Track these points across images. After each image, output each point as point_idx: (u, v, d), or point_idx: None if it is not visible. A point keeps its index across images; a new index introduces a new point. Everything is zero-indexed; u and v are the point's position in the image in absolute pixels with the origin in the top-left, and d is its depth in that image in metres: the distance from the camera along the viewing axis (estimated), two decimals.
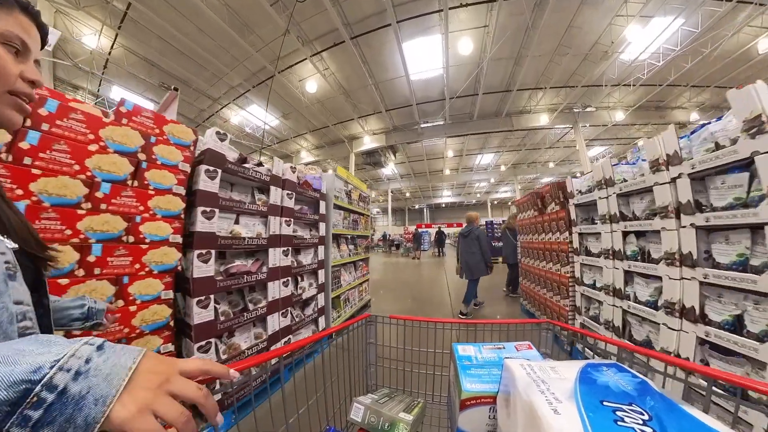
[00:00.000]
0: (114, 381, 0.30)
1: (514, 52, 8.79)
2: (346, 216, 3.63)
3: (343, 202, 3.51)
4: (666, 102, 14.00)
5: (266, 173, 2.43)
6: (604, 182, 2.47)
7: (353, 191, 3.97)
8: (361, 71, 9.18)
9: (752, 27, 8.53)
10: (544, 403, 0.41)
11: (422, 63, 8.82)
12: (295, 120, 12.71)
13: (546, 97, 11.87)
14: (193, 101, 11.59)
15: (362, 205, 4.27)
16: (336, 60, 9.17)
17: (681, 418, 0.36)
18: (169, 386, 0.33)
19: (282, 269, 2.52)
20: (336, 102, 11.00)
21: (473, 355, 0.76)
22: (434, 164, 19.64)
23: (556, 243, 3.29)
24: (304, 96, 10.49)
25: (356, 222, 3.95)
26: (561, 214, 3.18)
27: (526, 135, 15.39)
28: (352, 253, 3.75)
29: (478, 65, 8.77)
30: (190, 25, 7.75)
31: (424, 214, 42.55)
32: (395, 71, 9.29)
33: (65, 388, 0.27)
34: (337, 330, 0.98)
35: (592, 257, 2.64)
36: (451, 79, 9.64)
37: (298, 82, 10.12)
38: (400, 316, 1.09)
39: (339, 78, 9.91)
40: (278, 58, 7.85)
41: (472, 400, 0.63)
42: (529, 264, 4.27)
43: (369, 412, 0.78)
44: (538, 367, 0.52)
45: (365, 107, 11.47)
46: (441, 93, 10.71)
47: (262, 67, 9.69)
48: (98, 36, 7.94)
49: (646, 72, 10.43)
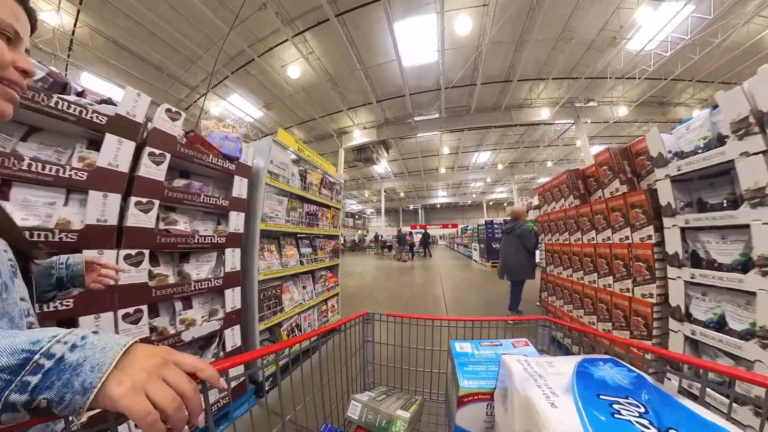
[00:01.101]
0: (109, 353, 0.31)
1: (515, 35, 8.05)
2: (295, 206, 2.44)
3: (287, 184, 2.34)
4: (669, 98, 13.62)
5: (102, 111, 1.30)
6: (754, 119, 1.19)
7: (311, 172, 2.83)
8: (349, 55, 8.36)
9: (763, 17, 8.07)
10: (542, 397, 0.41)
11: (415, 46, 8.03)
12: (279, 111, 11.83)
13: (547, 89, 11.20)
14: (168, 89, 10.65)
15: (327, 193, 3.07)
16: (321, 42, 8.34)
17: (676, 410, 0.37)
18: (164, 371, 0.33)
19: (125, 291, 1.34)
20: (322, 91, 10.16)
21: (470, 352, 0.76)
22: (429, 162, 18.89)
23: (621, 245, 2.09)
24: (288, 83, 9.63)
25: (314, 216, 2.74)
26: (635, 198, 1.98)
27: (524, 132, 14.73)
28: (309, 259, 2.62)
29: (477, 48, 8.01)
30: (158, 0, 6.87)
31: (419, 215, 41.90)
32: (386, 55, 8.49)
33: (62, 356, 0.29)
34: (333, 328, 0.92)
35: (720, 272, 1.39)
36: (447, 65, 8.87)
37: (280, 68, 9.26)
38: (397, 314, 1.06)
39: (324, 63, 9.07)
40: (258, 41, 6.98)
41: (469, 396, 0.64)
42: (560, 276, 3.06)
43: (366, 409, 0.78)
44: (535, 363, 0.52)
45: (354, 97, 10.64)
46: (436, 82, 9.95)
47: (241, 51, 8.82)
48: (58, 11, 7.02)
49: (652, 63, 9.95)
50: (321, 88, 9.96)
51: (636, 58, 9.72)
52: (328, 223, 3.04)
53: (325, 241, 3.07)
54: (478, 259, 8.99)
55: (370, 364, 1.11)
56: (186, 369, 0.35)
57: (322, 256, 2.87)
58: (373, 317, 1.10)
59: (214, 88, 10.77)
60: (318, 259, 2.78)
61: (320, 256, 2.84)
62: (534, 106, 12.07)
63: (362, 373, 1.09)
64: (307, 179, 2.69)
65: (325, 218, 2.98)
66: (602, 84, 11.41)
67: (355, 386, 1.05)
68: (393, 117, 11.53)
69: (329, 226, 3.08)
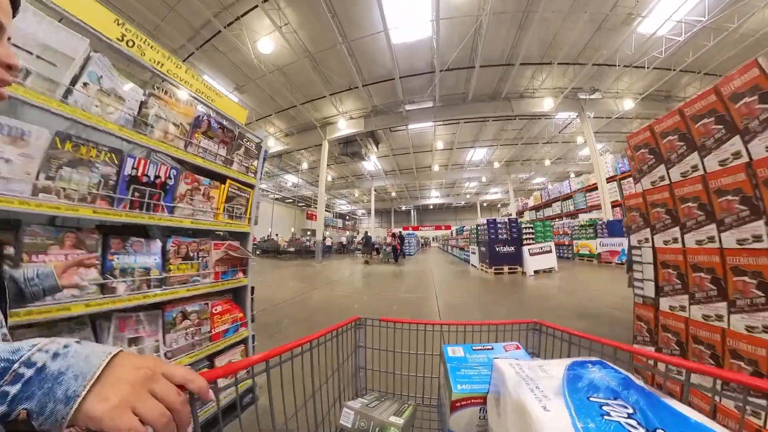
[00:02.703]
0: (93, 361, 0.29)
1: (521, 5, 7.03)
2: (97, 157, 1.01)
3: (53, 100, 0.89)
4: (673, 92, 12.98)
5: None
6: None
7: (165, 99, 1.34)
8: (330, 27, 7.21)
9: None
10: (534, 400, 0.42)
11: (406, 14, 6.91)
12: (255, 97, 10.58)
13: (551, 77, 10.26)
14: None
15: (223, 153, 1.59)
16: (297, 12, 7.18)
17: (662, 410, 0.38)
18: (152, 384, 0.31)
19: None
20: (302, 73, 8.98)
21: (463, 356, 0.77)
22: (422, 159, 17.83)
23: None
24: (260, 62, 8.42)
25: (166, 189, 1.25)
26: None
27: (523, 126, 13.80)
28: (141, 279, 1.15)
29: (477, 20, 6.94)
30: None
31: (412, 216, 40.88)
32: (372, 27, 7.37)
33: (44, 365, 0.27)
34: (324, 334, 0.86)
35: None
36: (442, 42, 7.81)
37: (252, 44, 8.04)
38: (390, 319, 1.04)
39: (302, 37, 7.90)
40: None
41: (462, 401, 0.64)
42: (701, 321, 1.44)
43: (359, 416, 0.77)
44: (526, 366, 0.52)
45: (338, 81, 9.49)
46: (429, 64, 8.88)
47: (206, 22, 7.60)
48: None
49: (663, 49, 9.20)
50: (300, 69, 8.77)
51: (647, 44, 8.96)
52: (213, 208, 1.50)
53: (209, 243, 1.51)
54: (477, 263, 7.85)
55: (362, 369, 1.06)
56: (176, 381, 0.33)
57: (189, 274, 1.36)
58: (365, 322, 1.05)
59: None
60: (179, 279, 1.32)
61: (185, 271, 1.34)
62: (536, 96, 11.11)
63: (354, 379, 1.04)
64: (150, 110, 1.25)
65: (209, 199, 1.47)
66: (609, 73, 10.59)
67: (347, 392, 0.99)
68: (382, 105, 10.40)
69: (223, 214, 1.54)
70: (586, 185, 16.00)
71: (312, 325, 3.04)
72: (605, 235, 8.46)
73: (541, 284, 5.23)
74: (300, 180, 22.26)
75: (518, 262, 6.29)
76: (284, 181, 22.84)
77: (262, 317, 3.27)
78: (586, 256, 9.14)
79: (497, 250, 6.23)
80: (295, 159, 17.62)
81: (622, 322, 2.74)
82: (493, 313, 3.37)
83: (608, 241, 8.30)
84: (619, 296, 3.75)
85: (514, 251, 6.28)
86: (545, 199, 19.42)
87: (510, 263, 6.25)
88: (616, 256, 7.95)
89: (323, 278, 6.06)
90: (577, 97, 11.78)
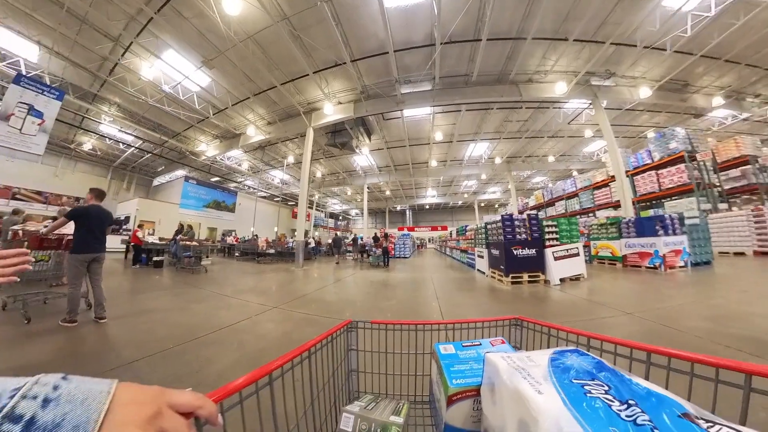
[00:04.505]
0: (93, 405, 0.24)
1: None
2: None
3: None
4: (691, 82, 12.11)
5: None
6: None
7: None
8: None
9: None
10: (528, 386, 0.46)
11: None
12: (228, 75, 9.23)
13: (564, 57, 9.12)
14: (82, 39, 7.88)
15: None
16: None
17: (631, 386, 0.44)
18: (161, 422, 0.27)
19: None
20: (280, 44, 7.66)
21: (455, 353, 0.79)
22: (418, 154, 16.61)
23: None
24: (230, 28, 7.09)
25: None
26: None
27: (529, 117, 12.67)
28: None
29: None
30: None
31: (407, 216, 39.69)
32: None
33: (33, 417, 0.21)
34: (320, 340, 0.84)
35: None
36: (444, 6, 6.59)
37: (216, 7, 6.71)
38: (381, 321, 1.02)
39: None
40: None
41: (458, 394, 0.67)
42: None
43: (359, 420, 0.77)
44: (516, 358, 0.57)
45: (323, 55, 8.19)
46: (428, 35, 7.66)
47: None
48: None
49: (689, 26, 8.22)
50: (276, 38, 7.46)
51: (670, 22, 7.97)
52: None
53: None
54: (485, 269, 6.48)
55: (355, 372, 1.07)
56: (184, 410, 0.30)
57: None
58: (357, 325, 1.05)
59: (142, 38, 8.12)
60: None
61: None
62: (545, 82, 9.97)
63: (347, 383, 1.03)
64: None
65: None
66: (626, 56, 9.54)
67: (341, 397, 0.95)
68: (374, 85, 9.12)
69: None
70: (593, 182, 14.99)
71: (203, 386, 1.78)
72: (632, 234, 7.29)
73: (579, 298, 4.00)
74: (287, 176, 20.85)
75: (540, 268, 5.04)
76: (271, 177, 21.40)
77: (133, 370, 1.97)
78: (607, 259, 7.97)
79: (515, 254, 4.98)
80: (281, 153, 16.23)
81: None
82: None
83: (636, 242, 7.14)
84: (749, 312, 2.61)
85: (535, 254, 5.02)
86: (547, 198, 18.37)
87: (530, 269, 4.98)
88: (647, 258, 6.78)
89: (293, 291, 4.73)
90: (590, 84, 10.76)
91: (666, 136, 11.27)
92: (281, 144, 14.89)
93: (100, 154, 18.04)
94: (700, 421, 0.35)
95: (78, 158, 18.29)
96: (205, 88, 10.07)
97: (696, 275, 5.73)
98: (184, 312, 3.22)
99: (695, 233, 7.28)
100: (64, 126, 14.16)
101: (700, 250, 7.20)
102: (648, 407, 0.38)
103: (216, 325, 2.78)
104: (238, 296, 4.15)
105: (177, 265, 7.72)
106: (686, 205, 9.81)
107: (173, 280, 5.90)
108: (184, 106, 11.07)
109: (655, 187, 11.37)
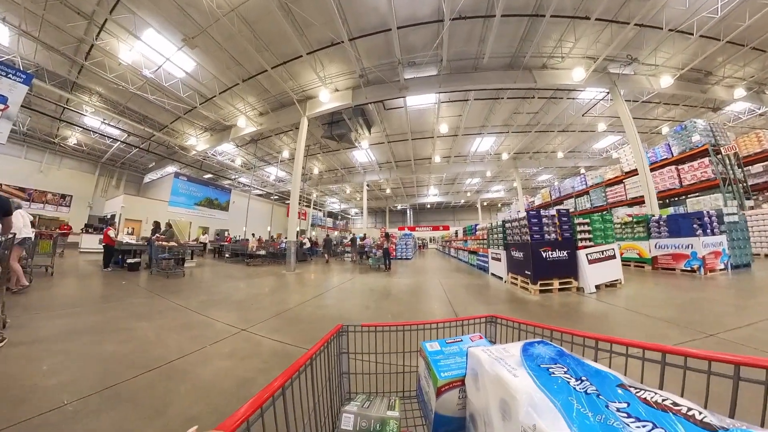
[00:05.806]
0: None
1: None
2: None
3: None
4: (713, 71, 11.37)
5: None
6: None
7: None
8: None
9: None
10: (506, 372, 0.56)
11: None
12: (213, 57, 8.39)
13: (584, 39, 8.29)
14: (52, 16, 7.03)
15: None
16: None
17: (584, 367, 0.55)
18: None
19: None
20: (269, 19, 6.83)
21: (440, 350, 0.87)
22: (421, 149, 15.78)
23: None
24: (212, 0, 6.25)
25: None
26: None
27: (540, 108, 11.87)
28: None
29: None
30: None
31: (407, 216, 38.87)
32: None
33: None
34: (319, 347, 0.83)
35: None
36: None
37: None
38: (371, 324, 1.04)
39: None
40: None
41: (446, 386, 0.74)
42: None
43: (359, 418, 0.80)
44: (495, 350, 0.66)
45: (318, 33, 7.36)
46: (436, 9, 6.83)
47: None
48: None
49: (720, 6, 7.49)
50: (265, 11, 6.63)
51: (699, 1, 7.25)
52: None
53: None
54: (503, 274, 5.55)
55: (346, 374, 1.09)
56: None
57: None
58: (348, 329, 1.07)
59: (117, 13, 7.27)
60: None
61: None
62: (561, 68, 9.15)
63: (339, 385, 1.04)
64: None
65: None
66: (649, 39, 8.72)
67: (335, 400, 0.96)
68: (374, 68, 8.28)
69: None
70: (605, 179, 14.21)
71: None
72: (664, 234, 6.48)
73: (629, 311, 3.20)
74: (283, 173, 19.99)
75: (572, 274, 4.21)
76: (266, 174, 20.55)
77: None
78: (634, 261, 7.15)
79: (543, 256, 4.15)
80: (275, 147, 15.38)
81: None
82: None
83: (668, 242, 6.33)
84: None
85: (566, 258, 4.19)
86: (555, 197, 17.59)
87: (562, 275, 4.14)
88: (683, 260, 5.98)
89: (275, 303, 3.86)
90: (608, 72, 9.96)
91: (687, 128, 10.43)
92: (275, 137, 14.04)
93: (86, 150, 17.17)
94: (631, 389, 0.46)
95: (63, 153, 17.43)
96: (190, 74, 9.23)
97: (744, 280, 4.93)
98: (117, 336, 2.39)
99: (734, 232, 6.48)
100: (46, 119, 13.32)
101: (739, 252, 6.40)
102: (596, 381, 0.50)
103: (149, 360, 1.95)
104: (204, 311, 3.30)
105: (153, 268, 6.89)
106: (711, 203, 8.98)
107: (139, 286, 5.06)
108: (169, 94, 10.23)
109: (675, 183, 10.54)
